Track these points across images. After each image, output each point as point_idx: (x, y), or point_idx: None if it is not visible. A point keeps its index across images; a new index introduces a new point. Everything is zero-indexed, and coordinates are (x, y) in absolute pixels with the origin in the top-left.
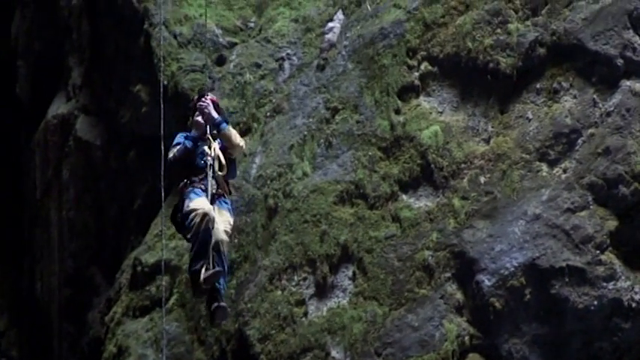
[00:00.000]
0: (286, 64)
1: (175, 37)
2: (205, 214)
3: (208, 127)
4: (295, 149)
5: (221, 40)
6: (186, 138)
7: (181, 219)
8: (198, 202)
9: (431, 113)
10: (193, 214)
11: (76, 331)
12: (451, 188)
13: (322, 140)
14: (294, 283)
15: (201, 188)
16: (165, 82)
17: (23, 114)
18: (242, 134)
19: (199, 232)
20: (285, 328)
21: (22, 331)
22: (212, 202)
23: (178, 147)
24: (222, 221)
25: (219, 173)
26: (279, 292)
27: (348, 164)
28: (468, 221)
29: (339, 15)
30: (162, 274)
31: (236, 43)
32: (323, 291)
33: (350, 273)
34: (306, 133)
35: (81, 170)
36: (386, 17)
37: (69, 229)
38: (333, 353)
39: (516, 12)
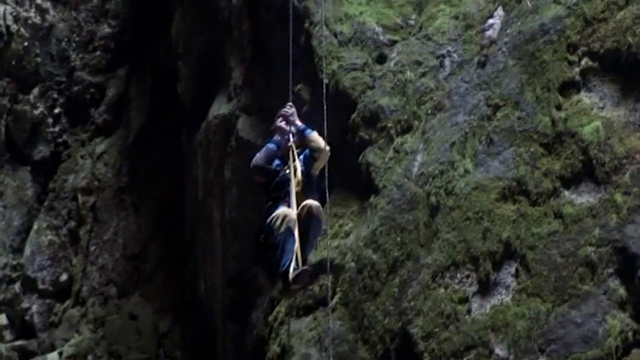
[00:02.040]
0: (447, 62)
1: (336, 35)
2: (285, 215)
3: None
4: (457, 146)
5: (381, 38)
6: (269, 142)
7: (264, 237)
8: (279, 210)
9: (592, 109)
10: (275, 218)
11: (239, 331)
12: (613, 184)
13: (483, 137)
14: (456, 281)
15: (283, 205)
16: (326, 81)
17: (185, 115)
18: (403, 132)
19: (281, 231)
20: (448, 325)
21: (186, 331)
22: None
23: (262, 150)
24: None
25: (296, 189)
26: (442, 290)
27: (510, 161)
28: (630, 217)
29: (499, 11)
30: (328, 273)
31: (396, 41)
32: (486, 288)
33: (513, 270)
34: (467, 130)
35: (243, 170)
36: (546, 13)
37: (231, 229)
38: (497, 350)
39: None
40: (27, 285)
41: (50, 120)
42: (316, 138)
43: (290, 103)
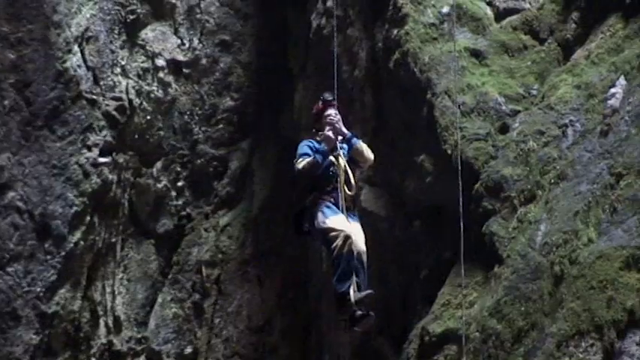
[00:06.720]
0: (569, 131)
1: (458, 106)
2: (348, 237)
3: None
4: (580, 216)
5: (504, 108)
6: (315, 151)
7: (313, 230)
8: (336, 221)
9: None
10: (334, 234)
11: None
12: None
13: (607, 206)
14: (581, 350)
15: (330, 201)
16: (449, 152)
17: (307, 188)
18: (526, 202)
19: (343, 254)
20: None
21: None
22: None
23: (308, 159)
24: (358, 234)
25: (348, 193)
26: (567, 359)
27: (634, 230)
28: None
29: (621, 80)
30: None
31: (519, 111)
32: (611, 357)
33: (637, 338)
34: (590, 199)
35: (367, 241)
36: None
37: None
38: None
39: None
40: (152, 358)
41: (173, 193)
42: (361, 149)
43: (336, 111)
